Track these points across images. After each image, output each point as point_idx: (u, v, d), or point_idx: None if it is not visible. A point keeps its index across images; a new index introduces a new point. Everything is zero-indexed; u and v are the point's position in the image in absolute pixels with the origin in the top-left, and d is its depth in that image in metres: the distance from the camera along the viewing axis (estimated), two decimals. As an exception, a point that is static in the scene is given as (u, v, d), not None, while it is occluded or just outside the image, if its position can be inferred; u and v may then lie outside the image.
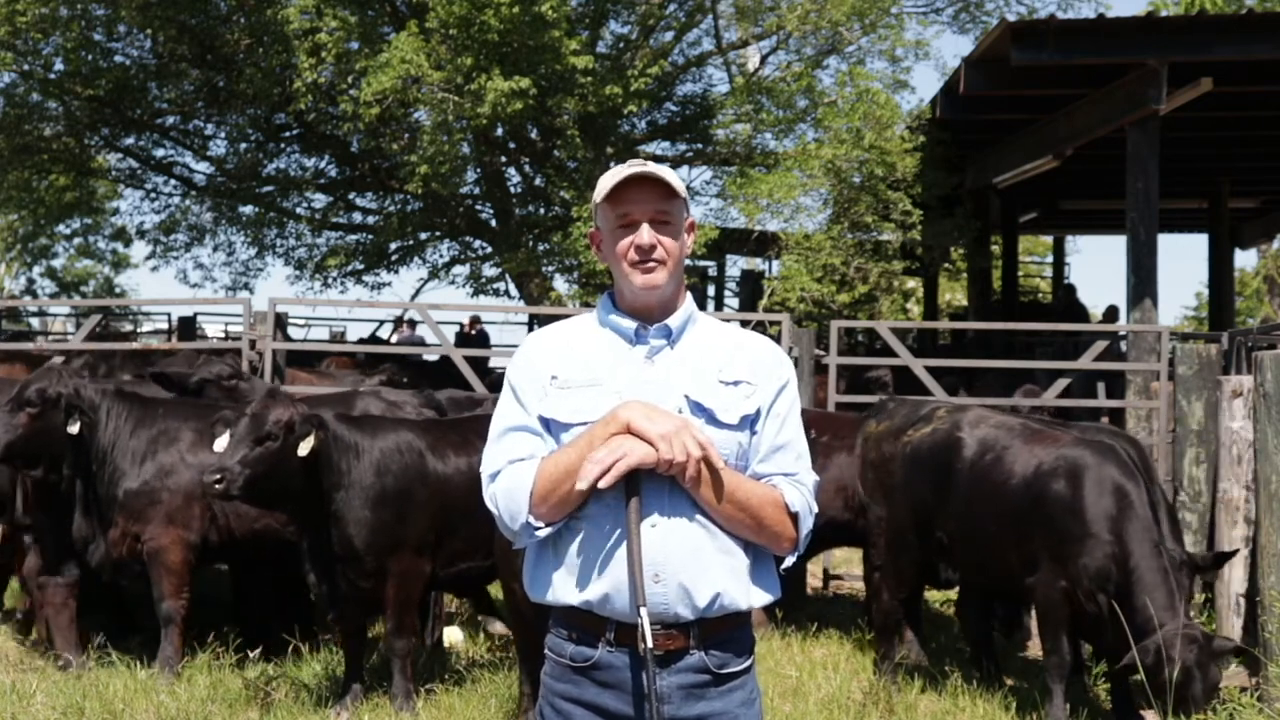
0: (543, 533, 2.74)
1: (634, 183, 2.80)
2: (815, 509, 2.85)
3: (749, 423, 2.81)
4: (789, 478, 2.81)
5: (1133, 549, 6.02)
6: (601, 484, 2.63)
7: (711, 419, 2.76)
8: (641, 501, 2.68)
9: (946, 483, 6.85)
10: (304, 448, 6.06)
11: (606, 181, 2.81)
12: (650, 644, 2.60)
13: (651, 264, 2.79)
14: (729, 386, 2.80)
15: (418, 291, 20.23)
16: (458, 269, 19.17)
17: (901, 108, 15.94)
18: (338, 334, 23.30)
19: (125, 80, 16.39)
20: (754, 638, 2.91)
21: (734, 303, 22.96)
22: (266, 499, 6.26)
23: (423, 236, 18.21)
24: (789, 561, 2.87)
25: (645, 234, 2.79)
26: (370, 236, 18.17)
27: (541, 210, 16.22)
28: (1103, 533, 6.11)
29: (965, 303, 25.03)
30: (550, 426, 2.80)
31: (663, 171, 2.81)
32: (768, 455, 2.81)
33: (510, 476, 2.76)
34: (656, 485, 2.69)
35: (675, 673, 2.72)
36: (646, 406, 2.69)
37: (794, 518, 2.78)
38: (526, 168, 16.75)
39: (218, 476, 5.91)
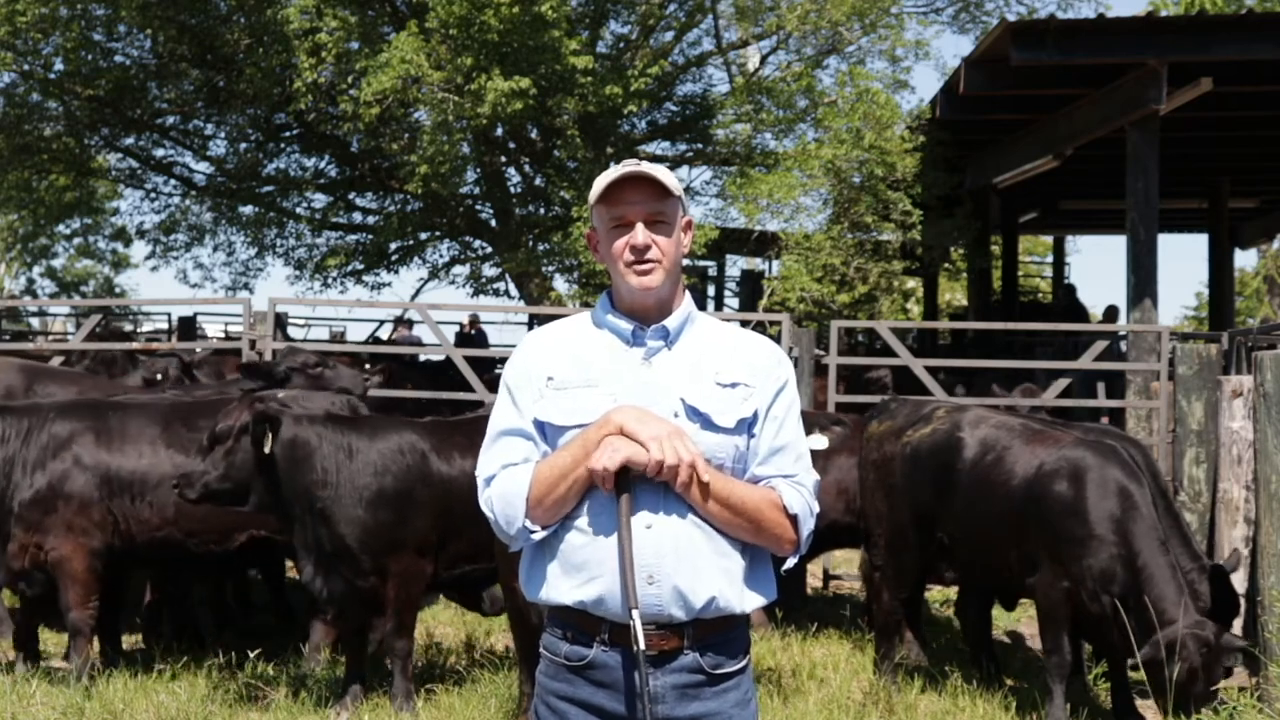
0: (538, 536, 2.75)
1: (628, 183, 2.79)
2: (816, 509, 2.84)
3: (746, 426, 2.80)
4: (788, 479, 2.81)
5: (1140, 548, 6.01)
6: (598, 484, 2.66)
7: (708, 423, 2.76)
8: (633, 501, 2.67)
9: (947, 483, 6.85)
10: (267, 445, 6.14)
11: (601, 182, 2.81)
12: (643, 645, 2.60)
13: (647, 265, 2.79)
14: (726, 389, 2.79)
15: (418, 291, 20.20)
16: (458, 269, 19.17)
17: (901, 108, 15.93)
18: (338, 334, 23.24)
19: (125, 80, 16.37)
20: (749, 639, 2.91)
21: (734, 303, 22.95)
22: (235, 499, 6.29)
23: (423, 236, 18.20)
24: (791, 563, 2.87)
25: (640, 234, 2.78)
26: (370, 236, 18.15)
27: (541, 210, 16.21)
28: (1107, 534, 6.11)
29: (965, 303, 25.03)
30: (545, 430, 2.80)
31: (657, 171, 2.80)
32: (766, 458, 2.81)
33: (505, 481, 2.76)
34: (652, 487, 2.69)
35: (669, 673, 2.73)
36: (639, 410, 2.69)
37: (793, 520, 2.78)
38: (526, 168, 16.74)
39: (174, 482, 6.18)
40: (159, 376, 9.31)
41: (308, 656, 7.02)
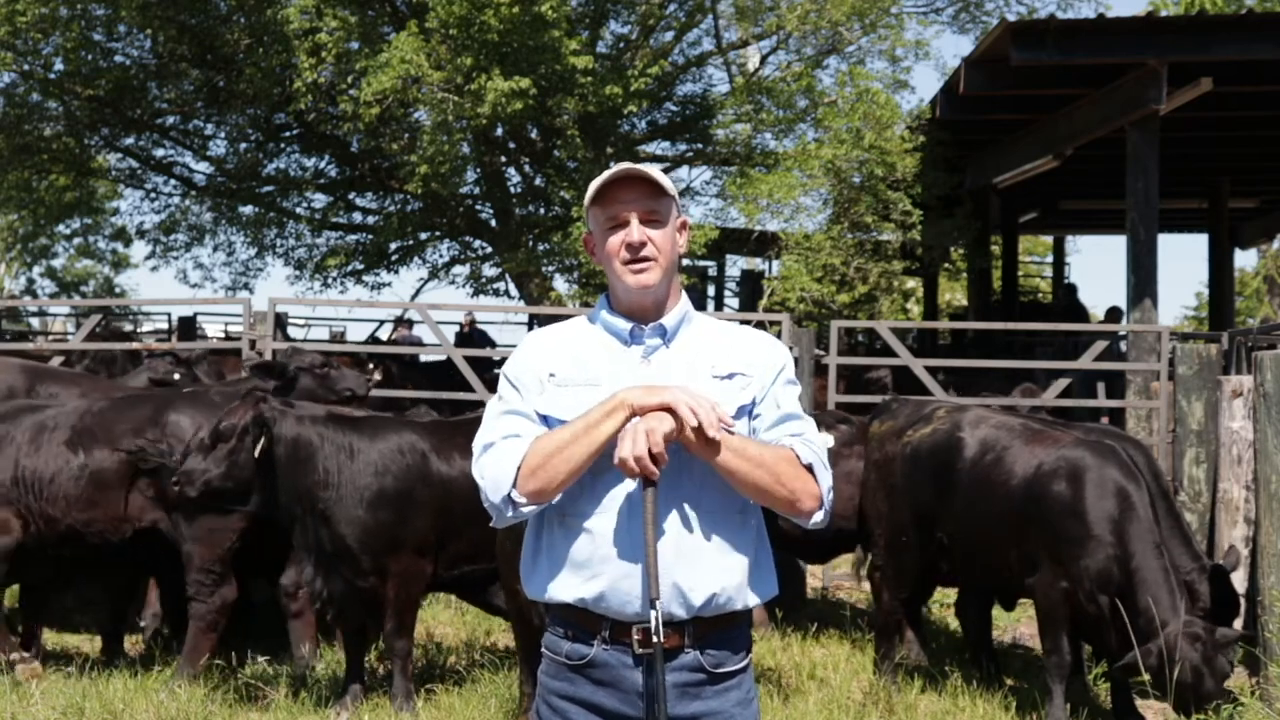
0: (526, 509, 2.74)
1: (621, 183, 2.81)
2: (829, 467, 2.83)
3: (746, 411, 2.82)
4: (797, 437, 2.81)
5: (1134, 550, 6.02)
6: (637, 457, 2.60)
7: None
8: (658, 495, 2.65)
9: (947, 483, 6.85)
10: (257, 448, 6.18)
11: (595, 185, 2.83)
12: (662, 638, 2.60)
13: (643, 263, 2.80)
14: (724, 380, 2.82)
15: (418, 291, 20.19)
16: (458, 269, 19.16)
17: (901, 108, 15.92)
18: (338, 334, 23.22)
19: (125, 80, 16.37)
20: (751, 637, 2.91)
21: (734, 303, 22.93)
22: (236, 498, 6.34)
23: (423, 236, 18.19)
24: (819, 517, 2.81)
25: (635, 231, 2.80)
26: (370, 236, 18.15)
27: (541, 210, 16.21)
28: (1104, 534, 6.11)
29: (965, 303, 25.02)
30: (548, 423, 2.80)
31: (650, 171, 2.82)
32: (772, 426, 2.82)
33: (502, 448, 2.76)
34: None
35: (670, 671, 2.73)
36: (644, 385, 2.70)
37: (809, 468, 2.77)
38: (526, 168, 16.73)
39: (175, 479, 6.22)
40: (177, 376, 9.31)
41: (294, 656, 7.00)
